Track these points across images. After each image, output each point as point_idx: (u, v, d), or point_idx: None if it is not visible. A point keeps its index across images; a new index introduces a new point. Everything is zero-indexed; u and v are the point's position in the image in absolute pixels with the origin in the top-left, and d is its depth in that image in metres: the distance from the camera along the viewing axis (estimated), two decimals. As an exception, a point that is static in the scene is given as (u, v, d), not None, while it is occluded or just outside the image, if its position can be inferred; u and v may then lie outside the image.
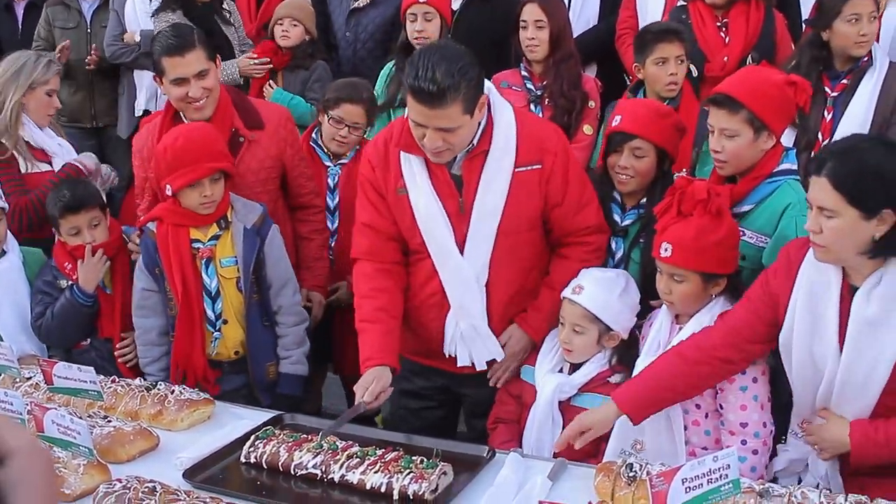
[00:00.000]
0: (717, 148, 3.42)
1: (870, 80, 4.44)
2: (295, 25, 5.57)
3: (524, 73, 4.89)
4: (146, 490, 2.76)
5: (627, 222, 3.68)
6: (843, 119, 4.44)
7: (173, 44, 3.88)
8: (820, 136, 4.45)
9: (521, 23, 4.84)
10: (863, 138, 2.92)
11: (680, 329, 3.27)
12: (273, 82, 5.63)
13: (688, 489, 2.51)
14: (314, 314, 4.22)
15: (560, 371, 3.46)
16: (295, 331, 3.91)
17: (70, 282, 3.99)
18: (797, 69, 4.43)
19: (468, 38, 4.29)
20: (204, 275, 3.76)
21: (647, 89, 4.57)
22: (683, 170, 4.09)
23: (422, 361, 3.70)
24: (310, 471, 2.97)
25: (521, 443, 3.44)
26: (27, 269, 4.19)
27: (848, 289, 2.85)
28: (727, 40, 4.97)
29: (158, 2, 5.92)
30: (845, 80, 4.49)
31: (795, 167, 3.48)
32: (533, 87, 4.84)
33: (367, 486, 2.89)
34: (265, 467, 3.05)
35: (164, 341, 3.87)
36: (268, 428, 3.22)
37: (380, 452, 3.02)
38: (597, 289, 3.38)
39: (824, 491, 2.70)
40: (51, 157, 4.64)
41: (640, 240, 3.63)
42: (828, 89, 4.50)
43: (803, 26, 5.22)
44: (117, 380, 3.53)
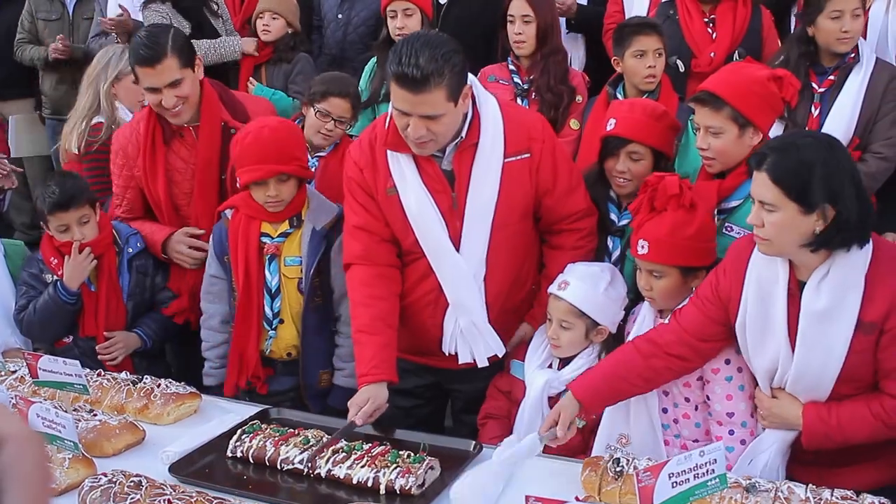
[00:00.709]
0: (703, 146, 3.43)
1: (857, 77, 4.45)
2: (275, 19, 5.56)
3: (511, 67, 4.88)
4: (132, 484, 2.76)
5: (624, 222, 3.68)
6: (829, 115, 4.45)
7: (143, 55, 3.84)
8: (807, 132, 4.47)
9: (508, 17, 4.83)
10: (802, 134, 2.98)
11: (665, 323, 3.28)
12: (255, 77, 5.61)
13: (674, 484, 2.52)
14: None
15: (549, 367, 3.46)
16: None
17: (55, 277, 3.96)
18: (785, 64, 4.45)
19: (456, 32, 4.27)
20: (266, 271, 3.74)
21: (626, 82, 4.57)
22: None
23: (414, 359, 3.68)
24: (296, 466, 2.97)
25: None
26: (9, 261, 4.16)
27: (796, 284, 2.89)
28: (714, 36, 4.97)
29: None
30: (832, 77, 4.49)
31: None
32: (520, 82, 4.83)
33: (354, 481, 2.89)
34: (251, 462, 3.04)
35: (225, 329, 3.87)
36: (254, 422, 3.21)
37: (366, 447, 3.02)
38: (582, 284, 3.39)
39: (811, 486, 2.71)
40: None
41: None
42: (815, 85, 4.50)
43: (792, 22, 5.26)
44: (103, 373, 3.52)
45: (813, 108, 4.48)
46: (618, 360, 3.17)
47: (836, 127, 4.40)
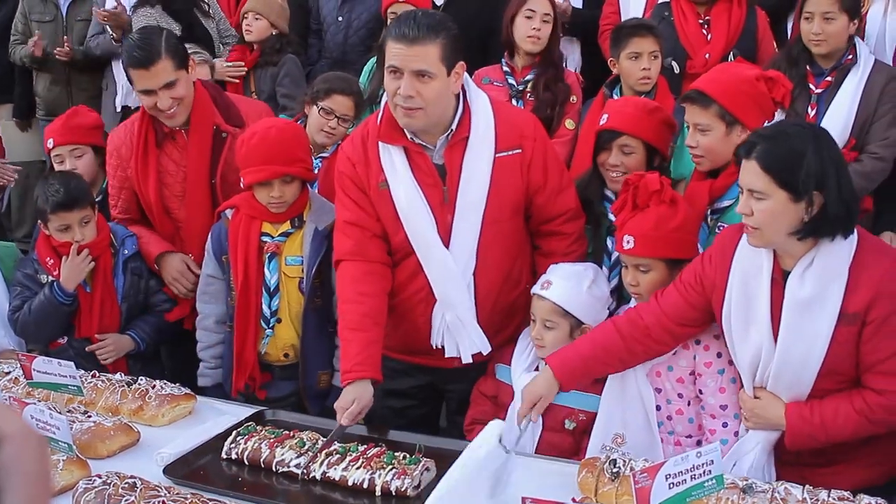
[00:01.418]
0: (692, 143, 3.48)
1: (854, 78, 4.46)
2: (258, 19, 5.54)
3: (506, 68, 4.89)
4: (126, 486, 2.74)
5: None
6: (826, 116, 4.47)
7: (137, 57, 3.85)
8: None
9: (525, 13, 4.82)
10: (790, 124, 3.05)
11: None
12: (244, 82, 5.60)
13: (671, 485, 2.52)
14: None
15: (536, 369, 3.44)
16: None
17: (51, 277, 3.94)
18: (783, 64, 4.50)
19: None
20: (266, 269, 3.74)
21: (622, 84, 4.61)
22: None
23: (408, 359, 3.67)
24: (291, 469, 2.96)
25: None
26: (1, 264, 4.15)
27: (780, 273, 2.93)
28: (709, 37, 5.00)
29: None
30: (829, 78, 4.51)
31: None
32: (514, 83, 4.85)
33: (350, 483, 2.88)
34: (246, 463, 3.03)
35: (219, 330, 3.87)
36: (249, 424, 3.20)
37: (362, 448, 3.01)
38: (565, 283, 3.39)
39: (807, 487, 2.71)
40: None
41: None
42: (812, 86, 4.53)
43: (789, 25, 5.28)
44: (98, 374, 3.50)
45: (809, 109, 4.50)
46: (598, 342, 3.20)
47: (833, 128, 4.37)
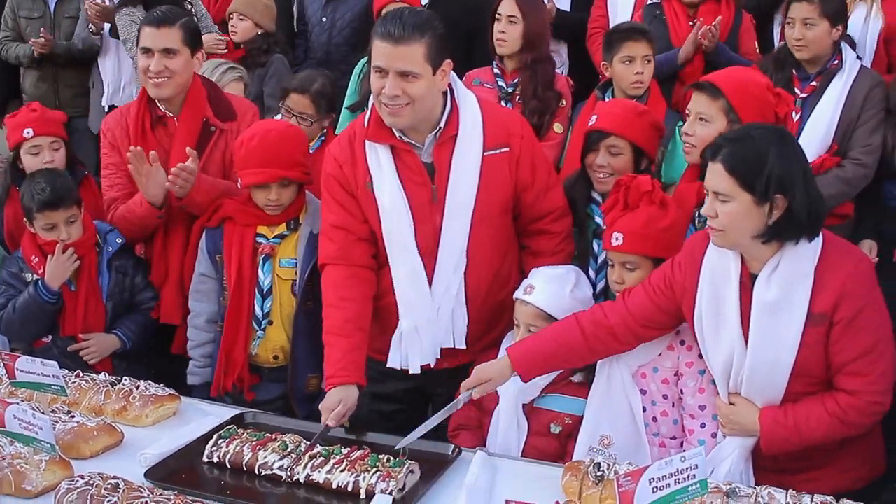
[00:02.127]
0: (689, 131, 3.51)
1: (838, 83, 4.49)
2: (242, 20, 5.53)
3: (496, 70, 4.90)
4: (109, 487, 2.73)
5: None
6: (809, 120, 4.50)
7: (155, 16, 4.00)
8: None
9: (496, 15, 4.85)
10: (756, 127, 3.05)
11: None
12: None
13: (655, 489, 2.52)
14: None
15: None
16: None
17: (36, 276, 3.92)
18: (770, 67, 4.56)
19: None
20: (259, 271, 3.74)
21: (615, 87, 4.63)
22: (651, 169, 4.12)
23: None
24: (274, 471, 2.95)
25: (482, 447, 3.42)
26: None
27: (748, 276, 2.95)
28: (699, 37, 5.03)
29: None
30: (814, 82, 4.54)
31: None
32: (504, 85, 4.85)
33: (334, 485, 2.87)
34: (228, 467, 3.02)
35: (210, 329, 3.86)
36: (230, 427, 3.19)
37: (345, 451, 3.00)
38: (547, 286, 3.39)
39: (790, 491, 2.72)
40: None
41: None
42: (797, 90, 4.54)
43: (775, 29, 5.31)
44: (81, 374, 3.49)
45: (794, 114, 4.51)
46: (560, 340, 3.21)
47: (815, 132, 4.45)
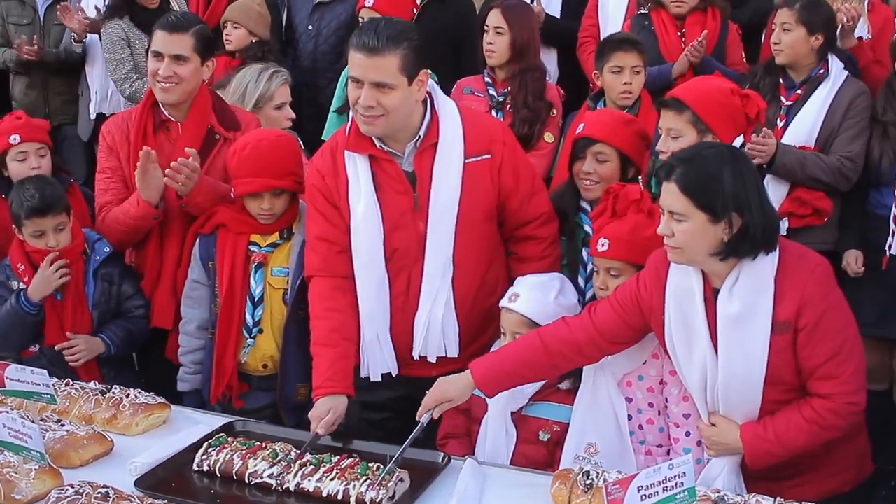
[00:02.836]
0: (663, 149, 3.56)
1: (822, 91, 4.54)
2: (236, 28, 5.52)
3: (487, 79, 4.92)
4: (99, 495, 2.74)
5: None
6: (790, 126, 4.55)
7: (169, 21, 4.03)
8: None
9: (484, 27, 4.89)
10: (707, 146, 3.11)
11: None
12: None
13: (644, 497, 2.53)
14: None
15: None
16: None
17: (21, 285, 3.90)
18: (760, 73, 4.64)
19: (427, 39, 4.30)
20: (251, 279, 3.74)
21: (606, 97, 4.64)
22: (639, 178, 4.14)
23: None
24: (265, 480, 2.96)
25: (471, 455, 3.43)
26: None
27: (711, 291, 2.99)
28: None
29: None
30: (800, 90, 4.59)
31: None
32: (495, 94, 4.87)
33: (324, 494, 2.88)
34: (219, 475, 3.02)
35: (201, 335, 3.86)
36: (220, 435, 3.19)
37: (335, 459, 3.01)
38: (532, 294, 3.41)
39: (778, 499, 2.74)
40: None
41: None
42: (783, 98, 4.61)
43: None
44: (71, 383, 3.49)
45: (779, 121, 4.58)
46: (522, 357, 3.23)
47: (796, 138, 4.51)
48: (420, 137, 3.38)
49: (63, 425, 3.18)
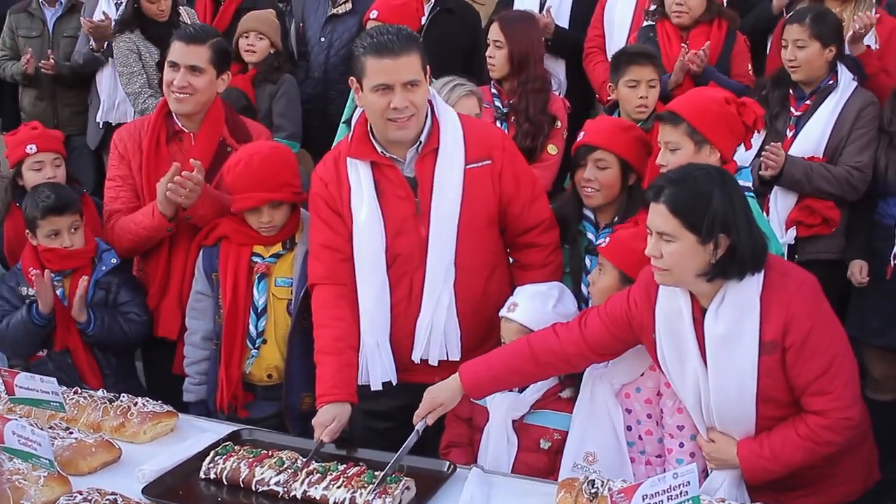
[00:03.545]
0: (662, 162, 3.57)
1: (831, 101, 4.55)
2: (261, 39, 5.53)
3: (493, 90, 4.92)
4: (107, 502, 2.77)
5: (602, 241, 3.70)
6: (799, 136, 4.56)
7: (187, 32, 4.07)
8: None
9: (488, 41, 4.91)
10: (696, 167, 3.09)
11: None
12: None
13: (648, 506, 2.54)
14: None
15: (511, 390, 3.44)
16: None
17: (31, 290, 3.94)
18: (768, 85, 4.65)
19: (436, 49, 4.33)
20: (254, 290, 3.76)
21: (621, 110, 4.63)
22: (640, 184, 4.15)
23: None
24: (272, 487, 2.97)
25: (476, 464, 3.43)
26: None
27: (699, 311, 3.00)
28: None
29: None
30: (809, 101, 4.60)
31: (749, 184, 3.65)
32: (500, 105, 4.87)
33: (331, 502, 2.89)
34: (226, 483, 3.03)
35: (206, 346, 3.88)
36: (227, 443, 3.20)
37: (342, 467, 3.02)
38: (530, 303, 3.42)
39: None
40: None
41: None
42: (792, 108, 4.61)
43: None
44: (80, 391, 3.50)
45: (788, 131, 4.58)
46: (512, 364, 3.25)
47: (804, 148, 4.51)
48: (421, 143, 3.40)
49: (71, 433, 3.20)
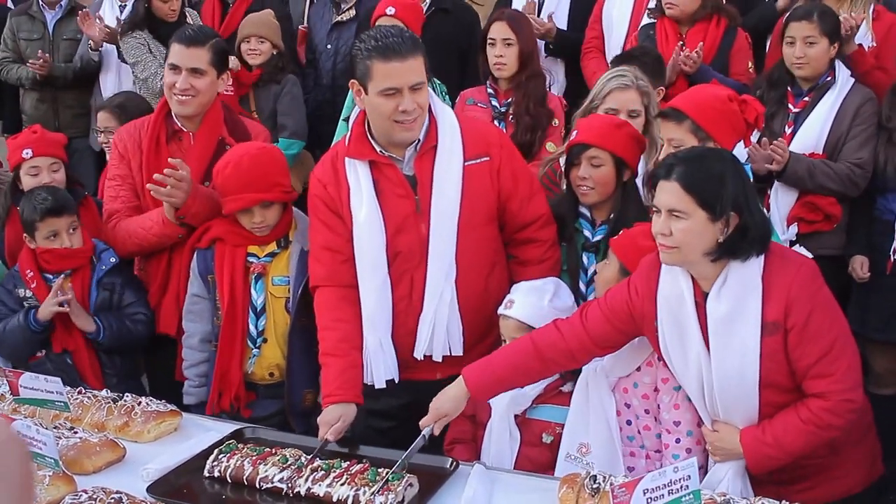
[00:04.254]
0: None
1: (829, 98, 4.57)
2: (262, 42, 5.56)
3: (490, 90, 4.93)
4: (112, 501, 2.77)
5: (599, 237, 3.73)
6: (798, 133, 4.57)
7: (186, 34, 4.07)
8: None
9: (488, 40, 4.88)
10: (705, 148, 3.14)
11: None
12: (243, 100, 5.58)
13: (649, 500, 2.54)
14: None
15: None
16: None
17: (28, 291, 3.96)
18: (765, 84, 4.64)
19: (432, 49, 4.32)
20: (252, 290, 3.77)
21: None
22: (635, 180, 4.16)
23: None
24: (275, 484, 2.98)
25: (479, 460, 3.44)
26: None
27: (701, 295, 3.01)
28: (685, 56, 5.08)
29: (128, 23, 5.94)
30: (807, 98, 4.61)
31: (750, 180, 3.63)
32: (497, 104, 4.88)
33: (334, 499, 2.90)
34: (230, 481, 3.05)
35: (204, 348, 3.88)
36: (230, 441, 3.21)
37: (345, 465, 3.03)
38: (526, 299, 3.44)
39: (784, 502, 2.75)
40: None
41: None
42: (791, 105, 4.63)
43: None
44: (84, 391, 3.52)
45: (786, 128, 4.59)
46: (515, 363, 3.25)
47: (804, 145, 4.52)
48: (420, 141, 3.42)
49: (76, 432, 3.21)
